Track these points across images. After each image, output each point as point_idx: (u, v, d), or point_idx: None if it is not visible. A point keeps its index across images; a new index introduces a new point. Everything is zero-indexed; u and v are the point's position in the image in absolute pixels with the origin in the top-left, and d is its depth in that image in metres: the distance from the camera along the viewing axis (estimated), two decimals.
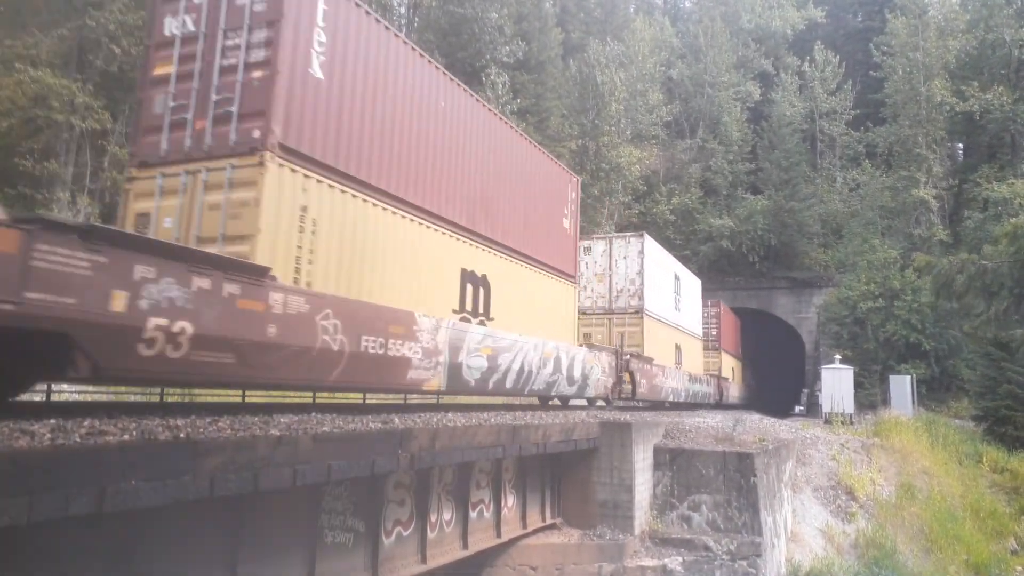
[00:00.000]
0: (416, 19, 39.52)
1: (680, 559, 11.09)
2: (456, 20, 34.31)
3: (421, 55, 9.93)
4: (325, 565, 6.62)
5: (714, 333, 32.59)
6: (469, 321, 10.84)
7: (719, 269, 43.00)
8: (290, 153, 7.46)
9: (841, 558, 14.36)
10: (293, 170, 7.50)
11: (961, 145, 46.58)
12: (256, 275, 6.57)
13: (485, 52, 34.41)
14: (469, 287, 10.96)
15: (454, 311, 10.50)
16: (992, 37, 40.29)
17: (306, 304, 7.13)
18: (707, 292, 33.94)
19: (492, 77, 33.16)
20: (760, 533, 11.65)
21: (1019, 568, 16.59)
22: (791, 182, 45.04)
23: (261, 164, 7.15)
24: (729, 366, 35.67)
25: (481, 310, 11.24)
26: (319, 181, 7.85)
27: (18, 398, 5.76)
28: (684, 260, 36.22)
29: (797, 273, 42.77)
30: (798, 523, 15.21)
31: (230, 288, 6.20)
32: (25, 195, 18.42)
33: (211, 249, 6.74)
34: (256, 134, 7.25)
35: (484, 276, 11.40)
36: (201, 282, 5.88)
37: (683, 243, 43.36)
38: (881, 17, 46.97)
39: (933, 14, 41.22)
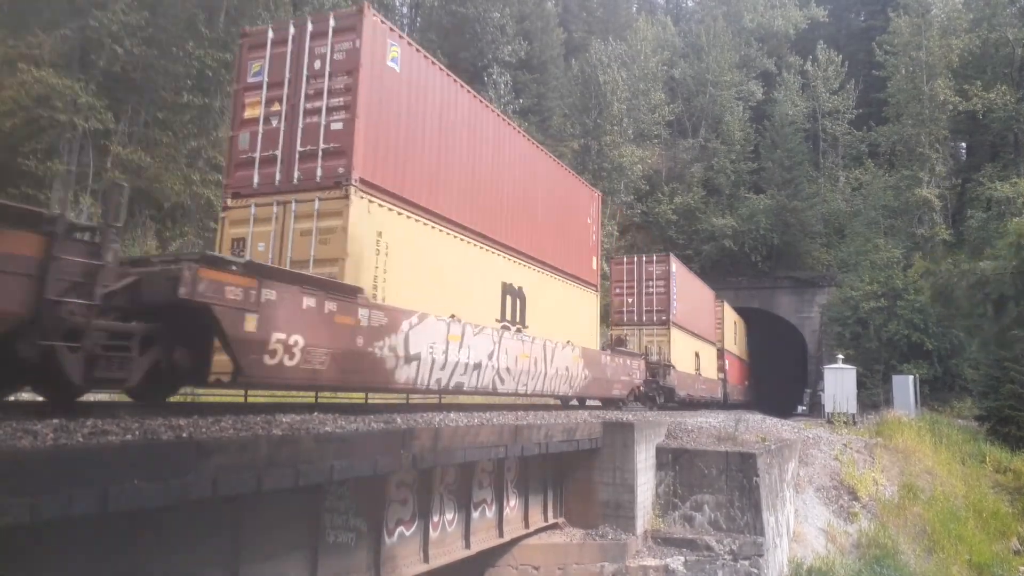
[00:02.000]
0: (418, 19, 39.55)
1: (682, 559, 11.08)
2: (458, 20, 34.32)
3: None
4: (327, 564, 6.62)
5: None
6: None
7: (722, 269, 42.94)
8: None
9: (843, 558, 14.35)
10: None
11: (964, 144, 46.48)
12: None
13: (487, 52, 34.42)
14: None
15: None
16: (995, 36, 40.17)
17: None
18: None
19: (494, 76, 33.18)
20: (762, 533, 11.64)
21: (1022, 568, 16.55)
22: (793, 181, 44.97)
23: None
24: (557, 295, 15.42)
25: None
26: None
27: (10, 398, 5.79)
28: (686, 259, 36.31)
29: (800, 273, 42.70)
30: (800, 523, 15.19)
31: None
32: (27, 195, 18.46)
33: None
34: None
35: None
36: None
37: (685, 243, 43.32)
38: (884, 16, 46.84)
39: (936, 13, 41.09)
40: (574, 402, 17.01)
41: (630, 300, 23.14)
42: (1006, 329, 21.85)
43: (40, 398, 5.98)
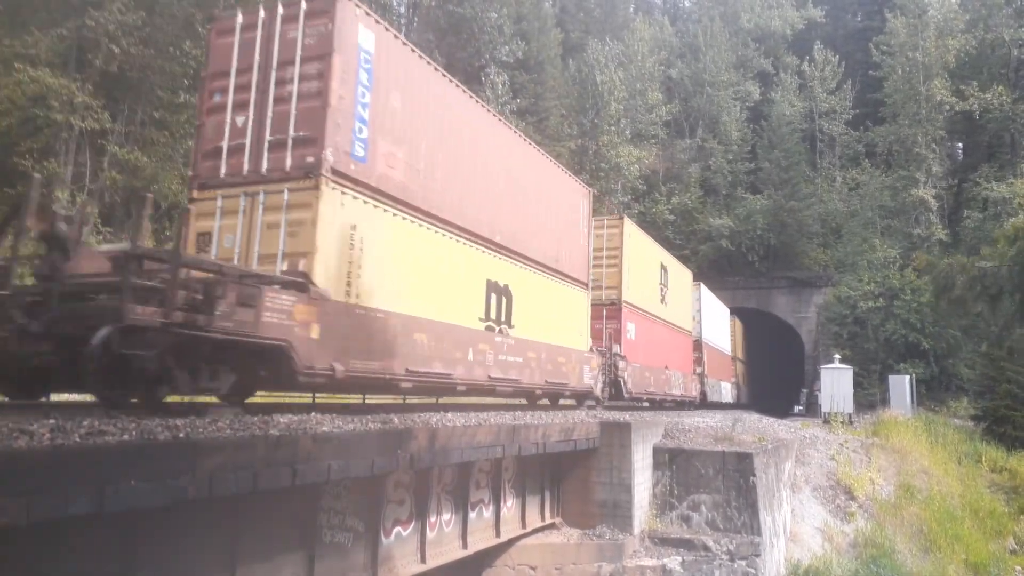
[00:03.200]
0: (416, 19, 39.51)
1: (679, 559, 11.10)
2: (456, 20, 34.28)
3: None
4: (324, 564, 6.62)
5: None
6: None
7: (719, 269, 42.98)
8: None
9: (840, 557, 14.38)
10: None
11: (960, 144, 46.61)
12: None
13: (484, 52, 34.41)
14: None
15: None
16: (991, 37, 40.33)
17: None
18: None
19: (491, 77, 33.20)
20: (759, 533, 11.66)
21: (1018, 567, 16.60)
22: (790, 182, 45.03)
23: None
24: None
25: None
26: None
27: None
28: (683, 260, 36.39)
29: (797, 273, 42.77)
30: (797, 523, 15.22)
31: None
32: (23, 194, 18.49)
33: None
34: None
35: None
36: None
37: (683, 243, 43.35)
38: (880, 17, 46.94)
39: (932, 14, 41.21)
40: None
41: (240, 120, 8.12)
42: (1004, 328, 21.91)
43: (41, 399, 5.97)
